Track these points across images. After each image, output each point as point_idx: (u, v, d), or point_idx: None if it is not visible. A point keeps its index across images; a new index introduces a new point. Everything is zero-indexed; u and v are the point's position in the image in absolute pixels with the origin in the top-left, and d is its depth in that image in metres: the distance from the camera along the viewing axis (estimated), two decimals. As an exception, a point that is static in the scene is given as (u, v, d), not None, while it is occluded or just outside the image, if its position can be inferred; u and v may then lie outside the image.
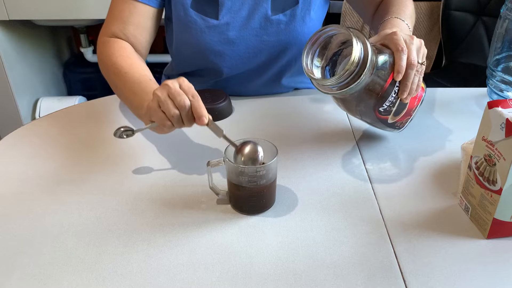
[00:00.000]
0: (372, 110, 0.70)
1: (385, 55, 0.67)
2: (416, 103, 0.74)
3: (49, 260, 0.58)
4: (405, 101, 0.70)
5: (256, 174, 0.61)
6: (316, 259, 0.58)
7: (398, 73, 0.67)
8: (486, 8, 1.79)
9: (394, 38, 0.68)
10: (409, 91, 0.69)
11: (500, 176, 0.57)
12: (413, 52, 0.68)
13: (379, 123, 0.75)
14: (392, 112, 0.72)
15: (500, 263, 0.58)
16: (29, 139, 0.83)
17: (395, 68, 0.67)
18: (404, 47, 0.67)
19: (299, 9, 0.87)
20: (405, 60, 0.67)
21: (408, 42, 0.68)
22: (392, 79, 0.67)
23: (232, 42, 0.88)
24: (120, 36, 0.85)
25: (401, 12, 0.81)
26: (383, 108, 0.70)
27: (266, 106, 0.95)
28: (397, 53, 0.67)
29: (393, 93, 0.69)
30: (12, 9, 1.64)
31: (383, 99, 0.69)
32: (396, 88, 0.69)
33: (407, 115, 0.75)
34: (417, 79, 0.69)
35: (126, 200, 0.68)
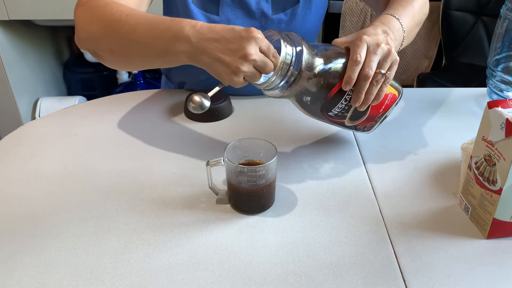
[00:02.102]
0: (320, 114, 0.69)
1: (337, 61, 0.64)
2: (382, 110, 0.71)
3: (49, 260, 0.58)
4: (360, 109, 0.67)
5: (256, 174, 0.61)
6: (316, 259, 0.58)
7: (346, 83, 0.63)
8: (486, 8, 1.79)
9: (355, 45, 0.64)
10: (363, 101, 0.66)
11: (500, 176, 0.57)
12: (372, 63, 0.63)
13: (337, 125, 0.73)
14: (347, 117, 0.69)
15: (500, 263, 0.58)
16: (29, 139, 0.83)
17: (344, 78, 0.64)
18: (358, 57, 0.63)
19: (300, 8, 0.87)
20: (356, 71, 0.63)
21: (371, 50, 0.64)
22: (340, 87, 0.64)
23: None
24: None
25: (400, 9, 0.76)
26: (332, 113, 0.68)
27: (266, 106, 0.95)
28: (350, 62, 0.63)
29: (344, 100, 0.66)
30: (12, 9, 1.65)
31: (331, 105, 0.66)
32: (348, 96, 0.66)
33: (371, 121, 0.72)
34: (375, 90, 0.65)
35: (126, 200, 0.68)
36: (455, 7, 1.80)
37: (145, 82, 2.14)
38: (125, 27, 0.63)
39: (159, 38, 0.61)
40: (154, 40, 0.62)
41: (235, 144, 0.65)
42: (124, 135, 0.84)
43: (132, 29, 0.63)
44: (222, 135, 0.84)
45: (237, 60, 0.58)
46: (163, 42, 0.61)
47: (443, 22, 1.83)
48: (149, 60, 0.66)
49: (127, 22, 0.63)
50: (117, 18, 0.64)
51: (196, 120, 0.89)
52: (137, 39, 0.63)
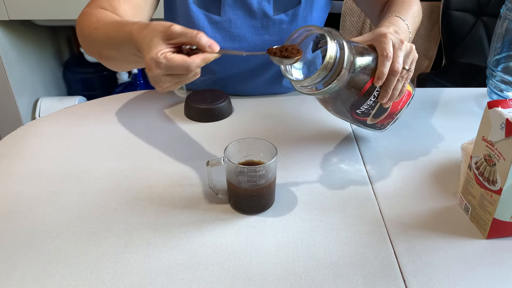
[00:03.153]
0: (349, 111, 0.69)
1: (368, 57, 0.65)
2: (400, 107, 0.72)
3: (49, 260, 0.58)
4: (385, 106, 0.69)
5: (256, 174, 0.61)
6: (316, 259, 0.58)
7: (378, 78, 0.65)
8: (486, 8, 1.79)
9: (382, 41, 0.65)
10: (389, 97, 0.67)
11: (500, 176, 0.57)
12: (399, 59, 0.65)
13: (358, 123, 0.74)
14: (371, 114, 0.70)
15: (500, 263, 0.58)
16: (29, 139, 0.83)
17: (376, 73, 0.65)
18: (389, 53, 0.64)
19: (301, 9, 0.87)
20: (388, 66, 0.64)
21: (397, 46, 0.66)
22: (372, 83, 0.65)
23: (234, 39, 0.88)
24: (106, 8, 0.77)
25: (403, 11, 0.79)
26: (360, 110, 0.68)
27: (266, 106, 0.95)
28: (381, 58, 0.65)
29: (372, 97, 0.67)
30: (12, 9, 1.64)
31: (361, 102, 0.67)
32: (376, 93, 0.67)
33: (389, 118, 0.73)
34: (400, 85, 0.67)
35: (126, 200, 0.68)
36: (455, 7, 1.80)
37: (145, 82, 2.14)
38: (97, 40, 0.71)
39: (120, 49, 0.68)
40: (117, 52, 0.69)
41: (235, 144, 0.65)
42: (124, 135, 0.84)
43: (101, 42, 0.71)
44: (222, 135, 0.84)
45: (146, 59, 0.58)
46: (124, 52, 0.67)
47: (443, 22, 1.83)
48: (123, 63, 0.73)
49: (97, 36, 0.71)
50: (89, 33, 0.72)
51: (196, 120, 0.89)
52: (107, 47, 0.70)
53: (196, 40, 0.57)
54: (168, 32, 0.57)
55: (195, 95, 0.90)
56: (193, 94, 0.91)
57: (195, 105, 0.88)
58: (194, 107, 0.88)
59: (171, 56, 0.56)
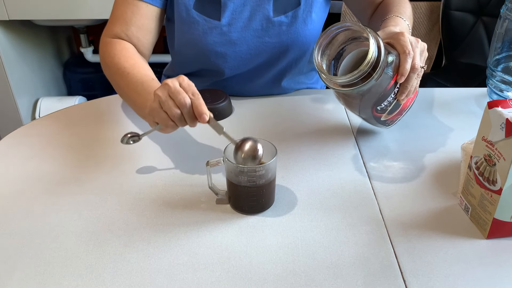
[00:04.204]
0: (371, 108, 0.71)
1: (393, 56, 0.67)
2: (409, 104, 0.76)
3: (49, 260, 0.58)
4: (401, 102, 0.71)
5: (255, 174, 0.61)
6: (316, 259, 0.58)
7: (402, 75, 0.67)
8: (486, 8, 1.79)
9: (402, 39, 0.67)
10: (407, 94, 0.70)
11: (500, 176, 0.57)
12: (417, 56, 0.68)
13: (373, 120, 0.76)
14: (387, 111, 0.73)
15: (500, 263, 0.58)
16: (29, 139, 0.83)
17: (400, 70, 0.67)
18: (411, 50, 0.67)
19: (301, 10, 0.87)
20: (410, 63, 0.67)
21: (414, 45, 0.68)
22: (395, 80, 0.67)
23: (234, 43, 0.88)
24: (122, 37, 0.85)
25: (402, 12, 0.81)
26: (380, 107, 0.71)
27: (266, 106, 0.95)
28: (403, 56, 0.67)
29: (393, 94, 0.70)
30: (12, 9, 1.64)
31: (383, 99, 0.69)
32: (396, 89, 0.69)
33: (399, 114, 0.76)
34: (416, 82, 0.70)
35: (126, 200, 0.68)
36: (455, 7, 1.80)
37: (145, 82, 2.13)
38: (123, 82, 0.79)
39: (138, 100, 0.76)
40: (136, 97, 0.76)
41: (235, 144, 0.65)
42: (124, 135, 0.84)
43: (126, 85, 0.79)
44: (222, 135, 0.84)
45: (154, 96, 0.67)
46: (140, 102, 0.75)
47: (443, 22, 1.83)
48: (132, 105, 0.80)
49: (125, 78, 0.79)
50: (121, 73, 0.80)
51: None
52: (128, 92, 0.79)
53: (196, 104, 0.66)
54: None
55: (195, 95, 0.90)
56: (193, 94, 0.91)
57: (195, 105, 0.88)
58: (194, 107, 0.88)
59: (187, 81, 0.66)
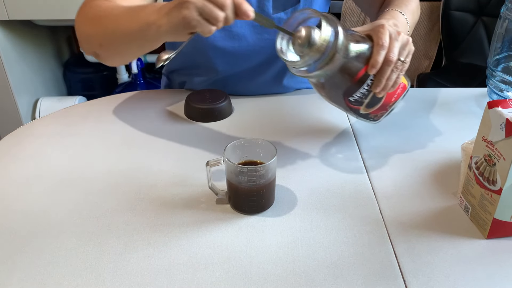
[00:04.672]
0: (342, 98, 0.69)
1: (364, 45, 0.66)
2: (394, 99, 0.73)
3: (49, 260, 0.58)
4: (378, 96, 0.69)
5: (255, 174, 0.61)
6: (316, 259, 0.58)
7: (372, 67, 0.65)
8: (486, 8, 1.79)
9: (378, 31, 0.66)
10: (383, 87, 0.67)
11: (500, 176, 0.57)
12: (395, 49, 0.66)
13: (351, 112, 0.74)
14: (364, 103, 0.70)
15: (500, 263, 0.58)
16: (29, 139, 0.83)
17: (371, 61, 0.65)
18: (385, 42, 0.65)
19: (300, 7, 0.87)
20: (383, 55, 0.65)
21: (393, 37, 0.66)
22: (365, 71, 0.66)
23: (233, 38, 0.88)
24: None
25: (402, 6, 0.80)
26: (353, 98, 0.69)
27: (266, 106, 0.95)
28: (376, 47, 0.65)
29: (366, 86, 0.67)
30: (12, 9, 1.65)
31: (354, 89, 0.68)
32: (370, 81, 0.67)
33: (383, 109, 0.73)
34: (394, 76, 0.67)
35: (126, 200, 0.68)
36: (455, 7, 1.80)
37: (145, 82, 2.14)
38: (109, 18, 0.69)
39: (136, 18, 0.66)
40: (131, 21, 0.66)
41: (235, 144, 0.65)
42: (124, 135, 0.84)
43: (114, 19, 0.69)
44: (222, 135, 0.84)
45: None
46: (138, 21, 0.65)
47: (443, 22, 1.83)
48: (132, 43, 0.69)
49: (111, 14, 0.69)
50: (103, 14, 0.70)
51: (196, 120, 0.89)
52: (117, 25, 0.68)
53: None
54: None
55: (195, 95, 0.90)
56: (193, 94, 0.91)
57: (195, 105, 0.88)
58: (194, 107, 0.88)
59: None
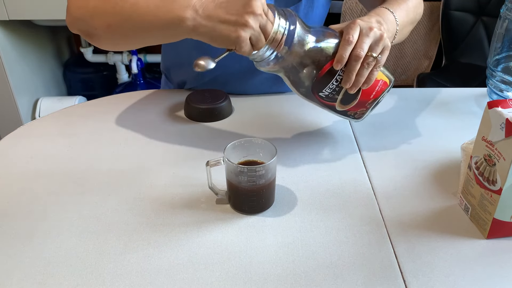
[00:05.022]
0: (311, 93, 0.69)
1: (330, 39, 0.66)
2: (373, 96, 0.71)
3: (49, 260, 0.58)
4: (350, 92, 0.68)
5: (255, 174, 0.61)
6: (316, 259, 0.58)
7: (337, 62, 0.65)
8: (486, 8, 1.79)
9: (348, 27, 0.66)
10: (354, 83, 0.67)
11: (500, 176, 0.57)
12: (364, 45, 0.65)
13: (328, 109, 0.73)
14: (338, 99, 0.70)
15: (500, 263, 0.58)
16: (29, 139, 0.83)
17: (336, 56, 0.65)
18: (351, 37, 0.64)
19: (302, 6, 0.87)
20: (348, 50, 0.64)
21: (364, 33, 0.65)
22: (331, 65, 0.66)
23: None
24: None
25: (395, 4, 0.78)
26: (323, 93, 0.69)
27: (266, 106, 0.95)
28: (342, 42, 0.65)
29: (335, 81, 0.67)
30: (12, 9, 1.65)
31: (322, 84, 0.67)
32: (339, 77, 0.67)
33: (361, 107, 0.72)
34: (366, 72, 0.67)
35: (126, 200, 0.68)
36: (455, 7, 1.80)
37: (145, 82, 2.14)
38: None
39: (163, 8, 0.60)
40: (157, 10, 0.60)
41: (235, 144, 0.65)
42: (124, 135, 0.84)
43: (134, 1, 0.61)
44: (222, 135, 0.84)
45: (244, 15, 0.59)
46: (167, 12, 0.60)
47: (443, 22, 1.83)
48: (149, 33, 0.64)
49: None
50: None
51: (196, 120, 0.89)
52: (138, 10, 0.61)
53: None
54: None
55: (195, 95, 0.90)
56: (193, 94, 0.91)
57: (195, 105, 0.88)
58: (194, 107, 0.88)
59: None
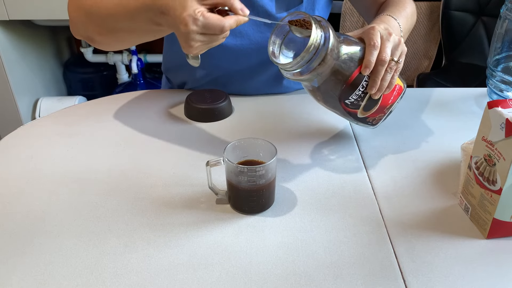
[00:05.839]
0: (338, 101, 0.69)
1: (356, 47, 0.66)
2: (391, 101, 0.73)
3: (49, 260, 0.58)
4: (374, 97, 0.69)
5: (255, 174, 0.61)
6: (316, 259, 0.58)
7: (365, 67, 0.66)
8: (486, 8, 1.79)
9: (369, 32, 0.67)
10: (378, 88, 0.68)
11: (500, 176, 0.57)
12: (387, 49, 0.67)
13: (349, 117, 0.74)
14: (361, 106, 0.71)
15: (500, 263, 0.58)
16: (29, 139, 0.83)
17: (363, 62, 0.66)
18: (376, 42, 0.66)
19: (303, 8, 0.88)
20: (375, 55, 0.66)
21: (385, 38, 0.67)
22: (359, 72, 0.66)
23: (236, 36, 0.88)
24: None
25: (396, 12, 0.81)
26: (349, 101, 0.69)
27: (266, 106, 0.95)
28: (368, 47, 0.66)
29: (361, 87, 0.68)
30: (12, 9, 1.65)
31: (349, 92, 0.68)
32: (365, 83, 0.68)
33: (380, 112, 0.74)
34: (389, 77, 0.68)
35: (126, 200, 0.68)
36: (455, 7, 1.80)
37: (145, 82, 2.14)
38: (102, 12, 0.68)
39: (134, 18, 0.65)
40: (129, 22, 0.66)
41: (235, 144, 0.65)
42: (124, 135, 0.84)
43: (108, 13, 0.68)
44: (222, 135, 0.84)
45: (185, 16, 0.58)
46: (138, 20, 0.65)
47: (443, 22, 1.83)
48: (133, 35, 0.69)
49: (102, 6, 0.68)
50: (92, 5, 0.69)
51: (196, 120, 0.89)
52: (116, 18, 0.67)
53: (230, 2, 0.59)
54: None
55: (195, 95, 0.90)
56: (193, 94, 0.91)
57: (195, 105, 0.88)
58: (194, 107, 0.88)
59: (208, 14, 0.58)
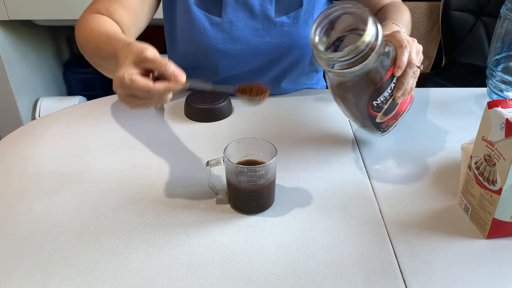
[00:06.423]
0: (367, 101, 0.70)
1: (389, 47, 0.68)
2: (404, 108, 0.75)
3: (49, 260, 0.58)
4: (397, 100, 0.71)
5: (255, 174, 0.61)
6: (315, 259, 0.58)
7: (399, 68, 0.67)
8: (486, 8, 1.79)
9: (397, 36, 0.69)
10: (403, 91, 0.69)
11: (500, 176, 0.57)
12: (414, 52, 0.69)
13: (368, 120, 0.74)
14: (383, 109, 0.71)
15: (500, 263, 0.58)
16: (29, 139, 0.83)
17: (397, 62, 0.67)
18: (407, 44, 0.68)
19: (303, 12, 0.88)
20: (407, 56, 0.67)
21: (410, 42, 0.69)
22: (391, 73, 0.67)
23: (235, 41, 0.88)
24: (103, 13, 0.80)
25: (399, 19, 0.83)
26: (376, 102, 0.70)
27: (266, 106, 0.95)
28: (400, 49, 0.68)
29: (389, 89, 0.69)
30: (12, 9, 1.64)
31: (379, 93, 0.69)
32: (393, 85, 0.69)
33: (394, 118, 0.75)
34: (411, 81, 0.70)
35: (126, 200, 0.68)
36: (455, 7, 1.80)
37: (145, 82, 2.13)
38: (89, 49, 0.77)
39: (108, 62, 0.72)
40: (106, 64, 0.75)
41: (235, 144, 0.65)
42: (124, 135, 0.84)
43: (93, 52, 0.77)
44: (222, 135, 0.84)
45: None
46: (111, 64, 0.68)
47: (443, 22, 1.83)
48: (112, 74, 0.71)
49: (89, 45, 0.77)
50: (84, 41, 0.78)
51: (196, 120, 0.89)
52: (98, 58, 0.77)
53: (162, 69, 0.57)
54: (140, 56, 0.57)
55: (195, 95, 0.90)
56: (193, 94, 0.91)
57: (195, 105, 0.88)
58: (194, 107, 0.88)
59: (135, 78, 0.56)
